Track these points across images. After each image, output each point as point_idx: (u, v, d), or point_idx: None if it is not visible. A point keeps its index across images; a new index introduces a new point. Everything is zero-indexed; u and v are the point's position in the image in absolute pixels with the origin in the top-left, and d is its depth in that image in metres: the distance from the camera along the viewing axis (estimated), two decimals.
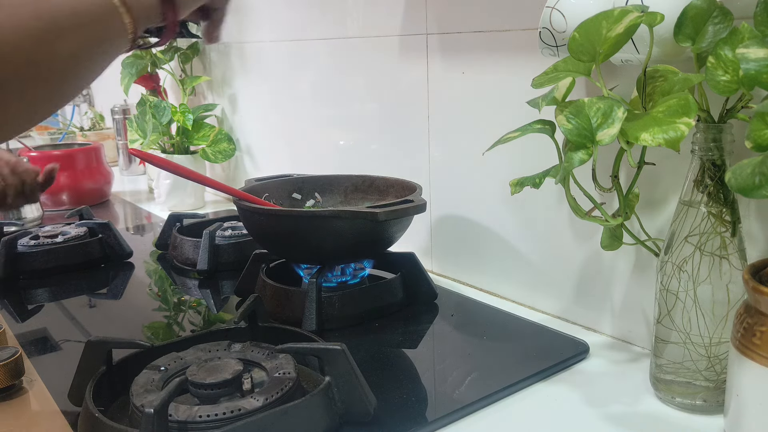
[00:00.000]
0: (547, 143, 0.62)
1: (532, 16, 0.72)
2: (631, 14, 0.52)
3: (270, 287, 0.80)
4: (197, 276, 0.95)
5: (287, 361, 0.59)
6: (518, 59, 0.77)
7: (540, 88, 0.61)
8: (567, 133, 0.55)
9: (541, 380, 0.64)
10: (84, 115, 2.27)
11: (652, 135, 0.50)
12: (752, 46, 0.47)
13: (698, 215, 0.55)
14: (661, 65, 0.56)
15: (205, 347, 0.63)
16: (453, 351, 0.70)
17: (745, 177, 0.43)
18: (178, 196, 1.38)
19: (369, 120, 1.03)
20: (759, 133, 0.44)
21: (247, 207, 0.79)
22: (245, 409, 0.52)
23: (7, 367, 0.63)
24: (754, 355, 0.46)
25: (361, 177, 0.94)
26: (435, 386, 0.63)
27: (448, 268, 0.93)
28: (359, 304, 0.77)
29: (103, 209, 1.43)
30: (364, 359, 0.68)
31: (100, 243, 1.03)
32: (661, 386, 0.60)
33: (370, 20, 0.99)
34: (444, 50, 0.87)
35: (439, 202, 0.92)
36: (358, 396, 0.55)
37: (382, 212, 0.70)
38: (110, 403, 0.59)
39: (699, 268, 0.55)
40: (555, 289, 0.79)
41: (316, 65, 1.13)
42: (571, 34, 0.55)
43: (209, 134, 1.35)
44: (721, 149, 0.54)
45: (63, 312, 0.85)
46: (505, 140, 0.63)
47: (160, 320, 0.82)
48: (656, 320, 0.59)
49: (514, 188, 0.62)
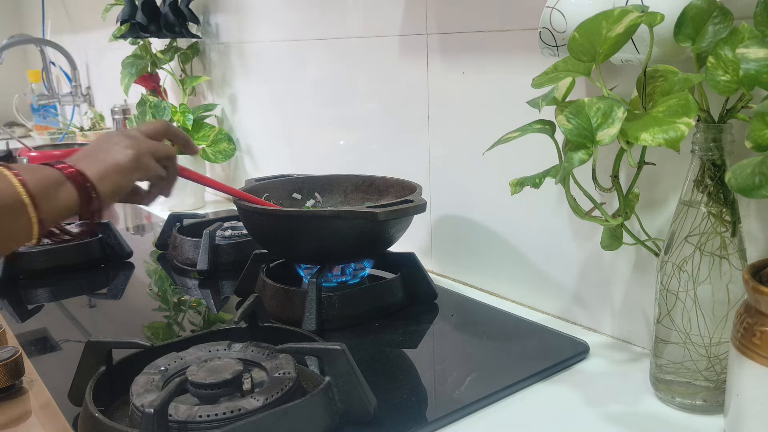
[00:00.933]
0: (547, 143, 0.62)
1: (532, 16, 0.72)
2: (631, 14, 0.52)
3: (270, 287, 0.80)
4: (197, 276, 0.95)
5: (287, 361, 0.59)
6: (518, 59, 0.77)
7: (540, 88, 0.61)
8: (567, 133, 0.55)
9: (541, 380, 0.64)
10: (84, 115, 2.27)
11: (652, 135, 0.50)
12: (752, 46, 0.47)
13: (698, 215, 0.55)
14: (661, 65, 0.56)
15: (205, 347, 0.63)
16: (453, 351, 0.70)
17: (745, 177, 0.43)
18: (178, 196, 1.37)
19: (369, 120, 1.03)
20: (759, 133, 0.44)
21: (247, 207, 0.79)
22: (245, 409, 0.52)
23: (7, 367, 0.63)
24: (754, 355, 0.46)
25: (361, 177, 0.94)
26: (435, 386, 0.63)
27: (448, 268, 0.93)
28: (359, 304, 0.77)
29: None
30: (364, 359, 0.68)
31: (100, 243, 1.03)
32: (661, 386, 0.60)
33: (370, 20, 0.99)
34: (444, 50, 0.87)
35: (439, 202, 0.92)
36: (358, 396, 0.55)
37: (382, 212, 0.70)
38: (110, 403, 0.59)
39: (699, 268, 0.55)
40: (555, 289, 0.79)
41: (316, 65, 1.12)
42: (571, 34, 0.55)
43: (209, 134, 1.35)
44: (721, 149, 0.54)
45: (63, 312, 0.85)
46: (505, 140, 0.63)
47: (160, 320, 0.82)
48: (656, 320, 0.59)
49: (514, 188, 0.62)
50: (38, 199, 0.55)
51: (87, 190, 0.59)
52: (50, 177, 0.58)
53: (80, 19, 2.21)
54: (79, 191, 0.59)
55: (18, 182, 0.55)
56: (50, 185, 0.57)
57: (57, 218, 0.59)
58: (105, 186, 0.61)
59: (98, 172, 0.61)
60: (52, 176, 0.58)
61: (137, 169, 0.64)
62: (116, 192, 0.63)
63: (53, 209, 0.57)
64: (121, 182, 0.63)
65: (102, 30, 1.85)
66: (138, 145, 0.65)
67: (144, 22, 1.36)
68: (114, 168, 0.62)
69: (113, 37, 1.42)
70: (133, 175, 0.64)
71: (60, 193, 0.58)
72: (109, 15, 1.54)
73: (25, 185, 0.55)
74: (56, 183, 0.58)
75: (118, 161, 0.63)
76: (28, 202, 0.55)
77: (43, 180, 0.57)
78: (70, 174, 0.59)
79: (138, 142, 0.66)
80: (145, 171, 0.66)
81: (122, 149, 0.64)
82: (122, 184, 0.63)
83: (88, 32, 2.14)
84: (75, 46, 2.19)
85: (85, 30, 2.17)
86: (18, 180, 0.55)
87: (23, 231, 0.56)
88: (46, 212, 0.56)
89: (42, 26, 2.45)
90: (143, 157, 0.65)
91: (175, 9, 1.36)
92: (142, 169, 0.65)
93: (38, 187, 0.56)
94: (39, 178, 0.57)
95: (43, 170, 0.58)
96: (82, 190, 0.59)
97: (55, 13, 2.40)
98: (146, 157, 0.66)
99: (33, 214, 0.55)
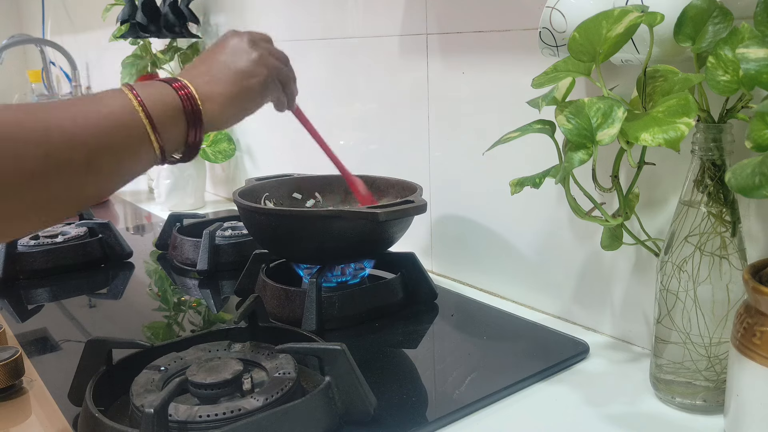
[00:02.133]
0: (547, 143, 0.62)
1: (532, 16, 0.72)
2: (631, 14, 0.52)
3: (270, 287, 0.80)
4: (197, 276, 0.95)
5: (287, 361, 0.59)
6: (518, 59, 0.77)
7: (540, 88, 0.61)
8: (567, 133, 0.55)
9: (541, 380, 0.64)
10: None
11: (652, 135, 0.50)
12: (752, 46, 0.47)
13: (698, 215, 0.55)
14: (661, 65, 0.56)
15: (205, 347, 0.63)
16: (453, 351, 0.70)
17: (745, 177, 0.43)
18: (178, 196, 1.38)
19: (369, 120, 1.03)
20: (759, 133, 0.44)
21: (247, 207, 0.79)
22: (245, 409, 0.52)
23: (7, 367, 0.63)
24: (754, 355, 0.46)
25: (361, 177, 0.94)
26: (435, 386, 0.63)
27: (448, 268, 0.93)
28: (359, 304, 0.77)
29: (103, 209, 1.43)
30: (364, 359, 0.68)
31: (100, 243, 1.03)
32: (661, 386, 0.60)
33: (370, 20, 0.99)
34: (444, 50, 0.87)
35: (439, 202, 0.92)
36: (358, 396, 0.55)
37: (383, 212, 0.70)
38: (110, 403, 0.59)
39: (699, 268, 0.55)
40: (555, 289, 0.79)
41: (316, 65, 1.12)
42: (571, 34, 0.55)
43: (209, 134, 1.35)
44: (721, 149, 0.54)
45: (63, 312, 0.85)
46: (505, 140, 0.63)
47: (160, 320, 0.82)
48: (656, 320, 0.59)
49: (514, 188, 0.62)
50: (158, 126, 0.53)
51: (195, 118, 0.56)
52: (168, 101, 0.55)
53: (80, 19, 2.21)
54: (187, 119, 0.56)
55: (138, 103, 0.52)
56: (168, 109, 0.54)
57: (171, 148, 0.56)
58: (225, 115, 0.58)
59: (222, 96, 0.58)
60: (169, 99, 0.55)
61: (265, 94, 0.62)
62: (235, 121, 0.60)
63: (169, 137, 0.55)
64: (246, 111, 0.60)
65: (102, 30, 1.85)
66: (266, 62, 0.61)
67: (144, 22, 1.36)
68: (240, 94, 0.59)
69: (113, 37, 1.42)
70: (261, 101, 0.62)
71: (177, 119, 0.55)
72: (109, 15, 1.54)
73: (143, 106, 0.52)
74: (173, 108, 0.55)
75: (248, 87, 0.59)
76: (151, 133, 0.53)
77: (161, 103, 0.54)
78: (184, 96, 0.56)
79: (265, 59, 0.62)
80: (273, 95, 0.63)
81: (253, 66, 0.60)
82: (246, 113, 0.61)
83: (88, 32, 2.14)
84: (75, 46, 2.19)
85: (85, 30, 2.17)
86: (138, 101, 0.52)
87: (149, 158, 0.54)
88: (164, 141, 0.54)
89: (42, 26, 2.45)
90: (272, 82, 0.62)
91: (175, 9, 1.36)
92: (269, 93, 0.62)
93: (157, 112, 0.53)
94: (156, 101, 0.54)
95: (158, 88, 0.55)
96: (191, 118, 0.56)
97: (55, 13, 2.40)
98: (274, 81, 0.63)
99: (155, 142, 0.53)
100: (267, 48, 0.64)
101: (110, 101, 0.52)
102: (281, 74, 0.66)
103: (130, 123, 0.52)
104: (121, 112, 0.52)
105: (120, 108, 0.52)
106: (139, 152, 0.53)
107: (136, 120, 0.52)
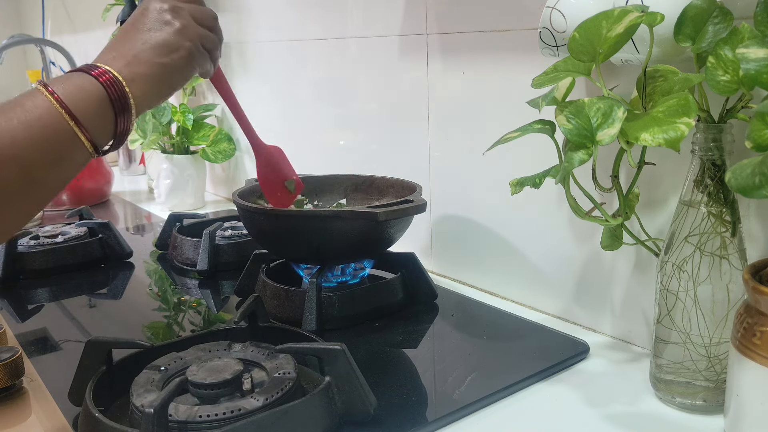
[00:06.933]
0: (547, 143, 0.62)
1: (532, 16, 0.72)
2: (631, 14, 0.52)
3: (270, 287, 0.80)
4: (197, 276, 0.95)
5: (287, 361, 0.59)
6: (518, 59, 0.77)
7: (540, 88, 0.61)
8: (567, 133, 0.55)
9: (541, 380, 0.64)
10: None
11: (652, 135, 0.50)
12: (752, 46, 0.47)
13: (698, 215, 0.55)
14: (661, 65, 0.56)
15: (205, 347, 0.63)
16: (453, 351, 0.70)
17: (745, 177, 0.43)
18: (178, 196, 1.37)
19: (369, 120, 1.03)
20: (759, 133, 0.44)
21: (247, 207, 0.79)
22: (245, 409, 0.52)
23: (7, 367, 0.63)
24: (754, 355, 0.46)
25: (361, 177, 0.94)
26: (435, 386, 0.63)
27: (448, 268, 0.93)
28: (359, 304, 0.77)
29: (103, 209, 1.43)
30: (364, 359, 0.68)
31: (100, 243, 1.03)
32: (661, 386, 0.60)
33: (370, 20, 0.99)
34: (444, 50, 0.87)
35: (439, 202, 0.92)
36: (358, 396, 0.55)
37: (382, 212, 0.70)
38: (110, 403, 0.59)
39: (699, 268, 0.55)
40: (555, 289, 0.79)
41: (316, 65, 1.12)
42: (571, 34, 0.55)
43: (209, 134, 1.35)
44: (721, 149, 0.54)
45: (63, 312, 0.85)
46: (505, 140, 0.63)
47: (160, 320, 0.82)
48: (656, 320, 0.59)
49: (514, 188, 0.62)
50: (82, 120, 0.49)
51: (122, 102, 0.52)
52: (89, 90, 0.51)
53: (80, 19, 2.21)
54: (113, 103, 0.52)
55: (54, 100, 0.49)
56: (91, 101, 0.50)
57: (101, 138, 0.52)
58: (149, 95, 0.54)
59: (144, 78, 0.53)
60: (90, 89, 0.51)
61: (192, 66, 0.57)
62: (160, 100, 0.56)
63: (96, 128, 0.51)
64: (173, 88, 0.56)
65: (102, 30, 1.85)
66: (189, 32, 0.57)
67: None
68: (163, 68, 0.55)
69: (113, 37, 1.42)
70: (188, 75, 0.57)
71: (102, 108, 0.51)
72: (109, 15, 1.54)
73: (61, 102, 0.49)
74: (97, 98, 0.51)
75: (169, 62, 0.55)
76: (78, 131, 0.49)
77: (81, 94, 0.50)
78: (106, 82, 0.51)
79: (189, 28, 0.57)
80: (200, 67, 0.59)
81: (176, 39, 0.56)
82: (174, 90, 0.57)
83: (88, 32, 2.14)
84: (75, 46, 2.19)
85: (85, 30, 2.17)
86: (54, 98, 0.49)
87: (81, 155, 0.50)
88: (93, 133, 0.50)
89: (42, 26, 2.45)
90: (197, 53, 0.57)
91: None
92: (196, 65, 0.58)
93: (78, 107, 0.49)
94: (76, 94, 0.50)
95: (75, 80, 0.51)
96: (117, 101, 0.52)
97: (55, 13, 2.40)
98: (200, 51, 0.58)
99: (83, 137, 0.49)
100: (191, 11, 0.60)
101: (30, 105, 0.48)
102: (207, 42, 0.62)
103: (55, 125, 0.48)
104: (42, 115, 0.48)
105: (42, 111, 0.48)
106: (72, 154, 0.50)
107: (59, 121, 0.49)
